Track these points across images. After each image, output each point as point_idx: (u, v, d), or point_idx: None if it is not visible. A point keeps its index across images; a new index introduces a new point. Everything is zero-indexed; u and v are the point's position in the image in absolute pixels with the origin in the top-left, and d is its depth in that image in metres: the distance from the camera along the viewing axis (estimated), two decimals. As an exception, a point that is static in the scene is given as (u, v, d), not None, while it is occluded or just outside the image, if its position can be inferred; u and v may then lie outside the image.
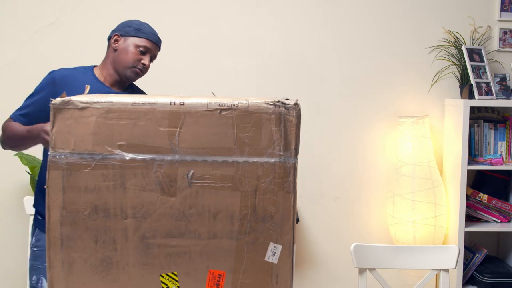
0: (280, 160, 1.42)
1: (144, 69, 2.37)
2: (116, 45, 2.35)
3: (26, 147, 2.32)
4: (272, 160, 1.42)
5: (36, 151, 3.22)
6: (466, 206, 3.29)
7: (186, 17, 3.42)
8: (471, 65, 3.36)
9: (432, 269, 2.25)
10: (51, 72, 2.39)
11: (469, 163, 3.25)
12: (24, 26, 3.33)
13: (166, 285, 1.42)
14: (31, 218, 2.70)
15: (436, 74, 3.49)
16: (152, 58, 2.40)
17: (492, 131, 3.37)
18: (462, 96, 3.42)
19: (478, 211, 3.39)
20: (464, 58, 3.38)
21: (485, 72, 3.39)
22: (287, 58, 3.46)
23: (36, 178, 3.14)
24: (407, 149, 3.36)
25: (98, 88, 2.31)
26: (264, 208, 1.41)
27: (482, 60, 3.41)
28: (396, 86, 3.50)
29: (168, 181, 1.41)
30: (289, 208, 1.42)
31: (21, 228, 3.28)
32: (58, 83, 2.32)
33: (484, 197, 3.38)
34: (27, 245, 2.74)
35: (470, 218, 3.38)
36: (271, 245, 1.42)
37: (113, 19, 3.39)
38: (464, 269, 3.32)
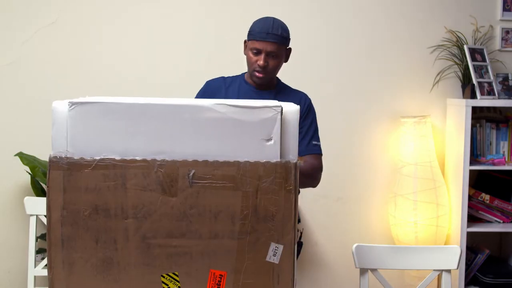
0: (281, 160, 1.42)
1: (263, 69, 2.36)
2: (244, 50, 2.45)
3: None
4: (274, 160, 1.41)
5: (36, 151, 3.23)
6: (468, 207, 3.28)
7: (186, 17, 3.41)
8: (473, 65, 3.35)
9: (434, 270, 2.24)
10: (206, 82, 2.54)
11: (471, 163, 3.24)
12: (24, 26, 3.32)
13: (167, 285, 1.42)
14: (32, 218, 2.69)
15: (438, 74, 3.49)
16: (270, 55, 2.35)
17: (494, 131, 3.36)
18: (464, 96, 3.41)
19: (480, 212, 3.39)
20: (466, 58, 3.37)
21: (487, 71, 3.38)
22: (292, 58, 3.44)
23: (37, 178, 3.14)
24: (409, 149, 3.35)
25: (246, 90, 2.44)
26: (266, 208, 1.40)
27: (484, 60, 3.40)
28: (398, 86, 3.49)
29: (169, 181, 1.40)
30: (291, 208, 1.41)
31: (21, 228, 3.27)
32: (208, 92, 2.46)
33: (486, 197, 3.37)
34: (27, 245, 2.73)
35: (472, 219, 3.37)
36: (273, 245, 1.41)
37: (113, 19, 3.40)
38: (466, 270, 3.31)
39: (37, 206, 2.68)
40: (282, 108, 1.42)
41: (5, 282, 3.39)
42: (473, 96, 3.34)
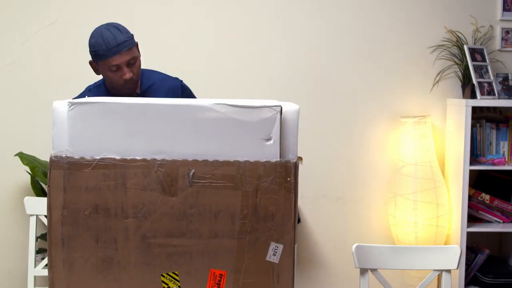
0: (281, 159, 1.42)
1: (130, 80, 2.28)
2: (98, 71, 2.35)
3: None
4: (273, 159, 1.41)
5: (36, 151, 3.23)
6: (468, 207, 3.27)
7: (186, 17, 3.41)
8: (473, 65, 3.35)
9: (434, 270, 2.23)
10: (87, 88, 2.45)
11: (471, 163, 3.24)
12: (24, 26, 3.32)
13: (167, 285, 1.42)
14: (32, 218, 2.69)
15: (438, 74, 3.49)
16: (130, 63, 2.27)
17: (494, 131, 3.36)
18: (464, 96, 3.41)
19: (480, 212, 3.39)
20: (466, 58, 3.37)
21: (487, 71, 3.38)
22: (288, 58, 3.45)
23: (37, 178, 3.14)
24: (409, 149, 3.35)
25: None
26: (265, 207, 1.41)
27: (484, 60, 3.40)
28: (398, 86, 3.49)
29: (169, 181, 1.40)
30: (290, 207, 1.41)
31: (22, 229, 3.27)
32: None
33: (486, 197, 3.37)
34: (27, 245, 2.73)
35: (472, 219, 3.37)
36: (272, 245, 1.41)
37: (113, 19, 3.40)
38: (466, 270, 3.31)
39: (37, 206, 2.68)
40: (281, 107, 1.42)
41: (5, 282, 3.39)
42: (473, 96, 3.34)
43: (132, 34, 2.35)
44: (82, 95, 2.44)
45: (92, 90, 2.43)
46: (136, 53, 2.31)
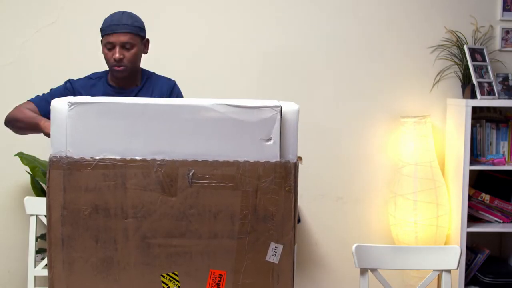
0: (281, 159, 1.41)
1: (120, 63, 2.31)
2: (102, 50, 2.38)
3: (25, 131, 2.39)
4: (273, 159, 1.41)
5: (36, 151, 3.23)
6: (468, 207, 3.27)
7: (186, 16, 3.41)
8: (473, 65, 3.35)
9: (434, 270, 2.23)
10: (68, 81, 2.46)
11: (471, 163, 3.24)
12: (24, 26, 3.32)
13: (167, 285, 1.42)
14: (32, 218, 2.69)
15: (438, 74, 3.49)
16: (124, 47, 2.31)
17: (494, 131, 3.36)
18: (464, 96, 3.41)
19: (480, 212, 3.38)
20: (466, 58, 3.37)
21: (487, 71, 3.38)
22: (289, 58, 3.45)
23: (37, 178, 3.14)
24: (409, 149, 3.35)
25: (108, 93, 2.37)
26: (265, 207, 1.40)
27: (484, 60, 3.40)
28: (398, 86, 3.49)
29: (168, 181, 1.40)
30: (290, 207, 1.41)
31: (22, 229, 3.27)
32: (77, 93, 2.40)
33: (486, 197, 3.37)
34: (27, 245, 2.73)
35: (472, 219, 3.37)
36: (272, 245, 1.41)
37: (114, 19, 3.40)
38: (466, 270, 3.31)
39: (37, 206, 2.68)
40: (281, 108, 1.42)
41: (5, 282, 3.39)
42: (473, 96, 3.34)
43: (143, 27, 2.40)
44: (81, 80, 2.47)
45: (92, 79, 2.46)
46: (135, 41, 2.34)
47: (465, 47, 3.37)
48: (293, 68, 3.46)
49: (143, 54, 2.44)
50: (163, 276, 1.42)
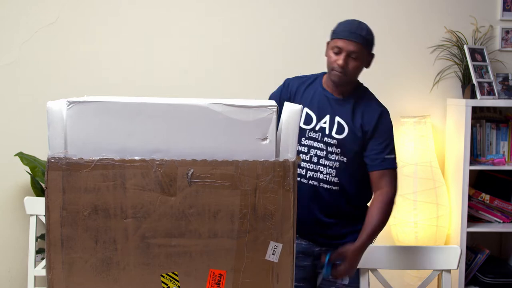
0: (280, 158, 1.41)
1: (341, 70, 2.25)
2: (326, 52, 2.35)
3: None
4: (272, 158, 1.41)
5: (36, 151, 3.23)
6: (468, 207, 3.27)
7: (186, 16, 3.41)
8: (473, 65, 3.35)
9: (434, 270, 2.24)
10: (285, 80, 2.46)
11: (471, 163, 3.24)
12: (24, 26, 3.33)
13: (167, 285, 1.42)
14: (32, 218, 2.70)
15: (438, 74, 3.49)
16: (351, 56, 2.26)
17: (494, 131, 3.36)
18: (464, 96, 3.41)
19: (480, 212, 3.38)
20: (466, 58, 3.37)
21: (487, 71, 3.38)
22: (289, 58, 3.45)
23: (37, 178, 3.14)
24: (409, 149, 3.35)
25: (321, 97, 2.33)
26: (264, 206, 1.40)
27: (484, 60, 3.40)
28: (398, 86, 3.49)
29: (167, 181, 1.40)
30: (289, 206, 1.41)
31: (21, 228, 3.27)
32: (285, 92, 2.40)
33: (486, 197, 3.36)
34: (28, 245, 2.73)
35: (472, 219, 3.37)
36: (272, 244, 1.41)
37: (113, 19, 3.40)
38: (466, 270, 3.31)
39: (37, 206, 2.68)
40: (277, 108, 1.42)
41: (5, 282, 3.39)
42: (473, 96, 3.34)
43: (373, 43, 2.36)
44: (298, 78, 2.46)
45: (302, 80, 2.44)
46: (362, 54, 2.29)
47: (465, 47, 3.37)
48: (293, 69, 3.46)
49: (364, 68, 2.38)
50: (163, 276, 1.42)
